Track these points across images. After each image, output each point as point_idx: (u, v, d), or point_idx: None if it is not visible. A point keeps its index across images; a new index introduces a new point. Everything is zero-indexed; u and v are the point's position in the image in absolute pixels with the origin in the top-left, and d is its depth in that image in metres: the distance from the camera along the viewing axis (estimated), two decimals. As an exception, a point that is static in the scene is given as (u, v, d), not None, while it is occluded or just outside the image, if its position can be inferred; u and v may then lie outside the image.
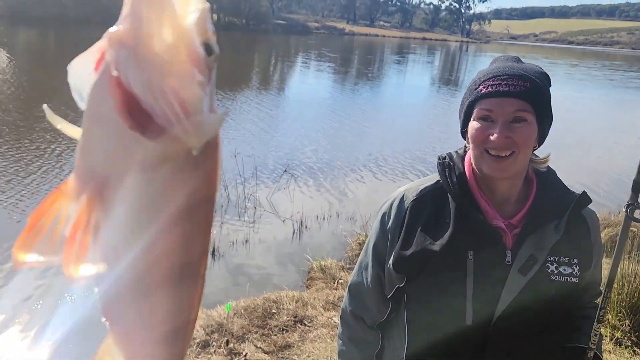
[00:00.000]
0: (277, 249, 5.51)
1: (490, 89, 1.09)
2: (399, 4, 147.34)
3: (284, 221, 6.16)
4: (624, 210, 0.98)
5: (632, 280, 3.53)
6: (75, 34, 31.14)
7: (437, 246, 1.13)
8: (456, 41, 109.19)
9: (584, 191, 1.19)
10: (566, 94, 22.59)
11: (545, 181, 1.20)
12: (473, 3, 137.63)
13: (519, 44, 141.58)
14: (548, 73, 1.16)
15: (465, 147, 1.24)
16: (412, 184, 1.27)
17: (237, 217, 6.23)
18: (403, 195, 1.24)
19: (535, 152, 1.20)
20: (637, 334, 3.44)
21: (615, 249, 1.13)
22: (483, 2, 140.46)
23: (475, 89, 1.13)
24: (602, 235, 5.11)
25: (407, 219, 1.19)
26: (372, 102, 17.31)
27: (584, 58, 66.92)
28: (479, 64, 45.38)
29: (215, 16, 79.22)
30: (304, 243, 5.65)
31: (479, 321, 1.11)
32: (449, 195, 1.18)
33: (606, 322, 3.58)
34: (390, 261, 1.20)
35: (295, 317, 3.84)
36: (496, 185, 1.16)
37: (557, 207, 1.15)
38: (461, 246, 1.12)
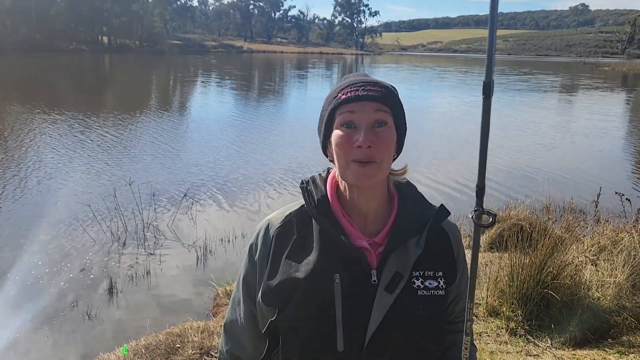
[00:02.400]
0: (181, 279, 5.26)
1: (349, 94, 1.09)
2: (294, 20, 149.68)
3: (187, 248, 5.92)
4: (470, 217, 0.99)
5: (520, 271, 3.75)
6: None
7: (302, 273, 1.09)
8: (352, 54, 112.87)
9: (441, 204, 1.20)
10: (467, 99, 24.18)
11: (406, 197, 1.19)
12: (364, 17, 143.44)
13: (409, 54, 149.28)
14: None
15: (329, 169, 1.22)
16: (278, 211, 1.22)
17: (136, 249, 5.89)
18: (268, 224, 1.19)
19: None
20: (529, 322, 3.65)
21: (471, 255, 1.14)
22: (373, 16, 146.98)
23: (335, 98, 1.12)
24: (492, 231, 5.43)
25: (272, 247, 1.15)
26: (277, 117, 17.33)
27: (468, 65, 71.94)
28: (376, 74, 47.20)
29: (105, 39, 75.88)
30: (209, 269, 5.44)
31: (351, 346, 1.07)
32: (313, 219, 1.15)
33: (501, 315, 3.78)
34: (259, 294, 1.14)
35: (201, 349, 3.65)
36: (359, 202, 1.14)
37: (418, 222, 1.15)
38: (327, 270, 1.09)
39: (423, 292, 1.11)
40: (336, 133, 1.10)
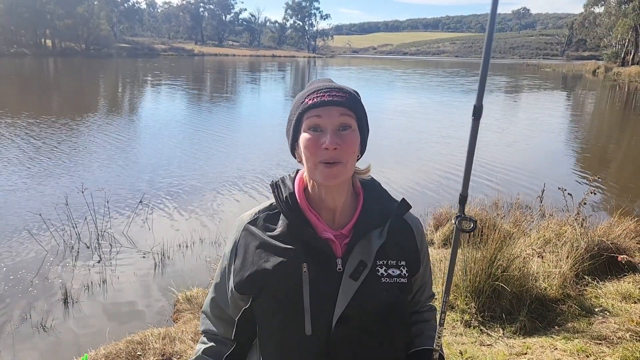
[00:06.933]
0: (139, 286, 5.18)
1: (316, 100, 1.18)
2: (245, 23, 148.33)
3: (143, 255, 5.82)
4: (453, 222, 1.11)
5: (473, 266, 3.92)
6: None
7: (271, 263, 1.18)
8: (304, 57, 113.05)
9: (403, 198, 1.30)
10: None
11: (371, 192, 1.29)
12: (315, 20, 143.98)
13: (361, 56, 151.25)
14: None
15: (297, 170, 1.32)
16: (250, 210, 1.33)
17: (90, 257, 5.75)
18: (240, 221, 1.31)
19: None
20: (482, 314, 3.83)
21: (449, 257, 1.25)
22: (324, 19, 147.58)
23: (302, 103, 1.20)
24: (446, 228, 5.63)
25: (242, 240, 1.26)
26: (232, 120, 17.20)
27: (420, 66, 73.49)
28: (330, 76, 47.39)
29: (49, 42, 72.95)
30: (168, 275, 5.39)
31: (319, 330, 1.16)
32: (281, 214, 1.25)
33: (456, 308, 3.94)
34: (231, 283, 1.25)
35: (163, 355, 3.63)
36: (326, 199, 1.23)
37: (381, 215, 1.25)
38: (295, 260, 1.18)
39: (386, 280, 1.21)
40: (304, 136, 1.19)
